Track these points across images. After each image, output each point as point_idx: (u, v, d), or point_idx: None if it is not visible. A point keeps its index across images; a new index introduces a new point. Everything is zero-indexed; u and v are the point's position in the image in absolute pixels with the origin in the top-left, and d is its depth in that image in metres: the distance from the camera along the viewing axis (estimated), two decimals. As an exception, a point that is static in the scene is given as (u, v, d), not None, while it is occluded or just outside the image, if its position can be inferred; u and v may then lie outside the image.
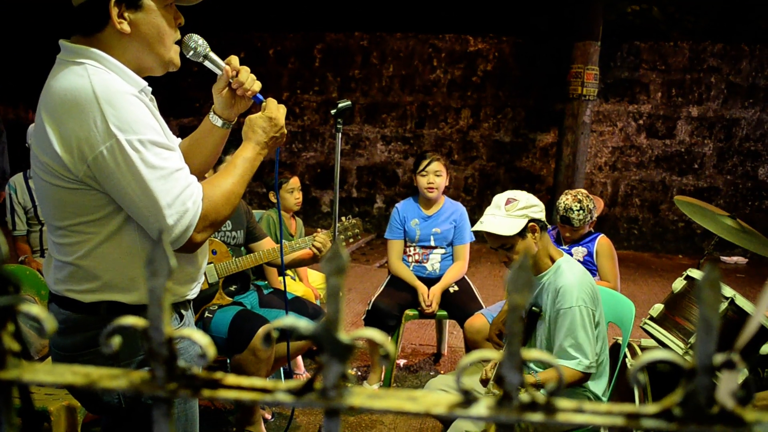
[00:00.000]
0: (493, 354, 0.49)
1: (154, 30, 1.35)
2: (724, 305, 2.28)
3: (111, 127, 1.22)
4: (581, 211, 3.19)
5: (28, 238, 3.72)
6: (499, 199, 2.32)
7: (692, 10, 7.18)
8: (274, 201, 3.61)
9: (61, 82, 1.26)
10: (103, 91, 1.23)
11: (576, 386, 2.21)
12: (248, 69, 1.56)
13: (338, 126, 2.18)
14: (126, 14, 1.31)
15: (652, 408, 0.44)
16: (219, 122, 1.60)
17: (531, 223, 2.26)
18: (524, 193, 2.33)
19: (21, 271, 3.12)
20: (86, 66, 1.27)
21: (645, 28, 7.35)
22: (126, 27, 1.31)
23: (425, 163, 3.46)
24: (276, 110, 1.53)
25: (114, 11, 1.29)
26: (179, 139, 1.64)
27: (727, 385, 0.42)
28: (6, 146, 4.59)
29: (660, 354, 0.45)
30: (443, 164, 3.49)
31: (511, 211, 2.26)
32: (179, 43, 1.44)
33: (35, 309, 0.48)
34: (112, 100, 1.23)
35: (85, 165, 1.24)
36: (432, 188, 3.47)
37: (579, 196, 3.23)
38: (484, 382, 2.28)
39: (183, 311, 1.53)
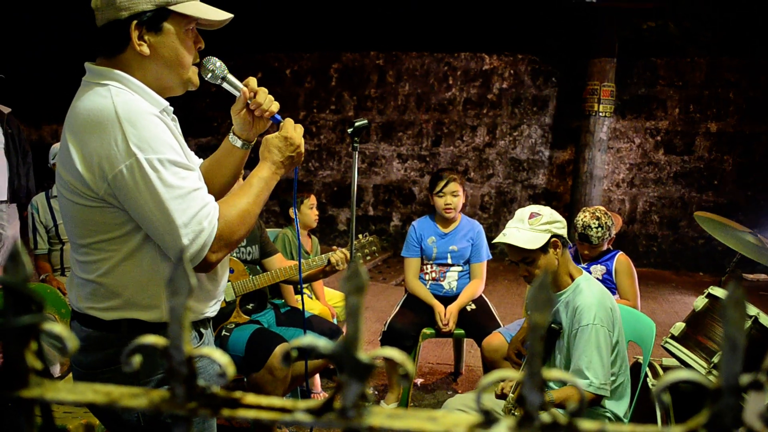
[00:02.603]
0: (513, 374, 0.49)
1: (173, 53, 1.38)
2: (747, 324, 2.24)
3: (131, 146, 1.24)
4: (600, 229, 3.16)
5: (49, 256, 3.77)
6: (523, 212, 2.32)
7: (708, 26, 7.15)
8: (293, 217, 3.62)
9: (85, 103, 1.30)
10: (125, 111, 1.26)
11: (588, 407, 2.18)
12: (266, 90, 1.57)
13: (355, 145, 2.19)
14: (146, 37, 1.34)
15: (676, 429, 0.43)
16: (238, 143, 1.62)
17: (553, 239, 2.25)
18: (548, 208, 2.33)
19: (42, 289, 3.16)
20: (110, 87, 1.31)
21: (661, 44, 7.33)
22: (145, 49, 1.34)
23: (442, 184, 3.45)
24: (292, 130, 1.54)
25: (134, 34, 1.32)
26: (200, 160, 1.67)
27: (755, 406, 0.42)
28: (32, 167, 4.67)
29: (684, 374, 0.44)
30: (460, 184, 3.48)
31: (534, 225, 2.25)
32: (198, 64, 1.46)
33: (58, 327, 0.48)
34: (133, 119, 1.26)
35: (105, 183, 1.27)
36: (450, 209, 3.46)
37: (597, 213, 3.20)
38: (500, 396, 2.25)
39: (202, 330, 1.54)
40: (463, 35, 7.71)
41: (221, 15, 1.42)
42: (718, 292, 2.69)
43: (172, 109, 1.43)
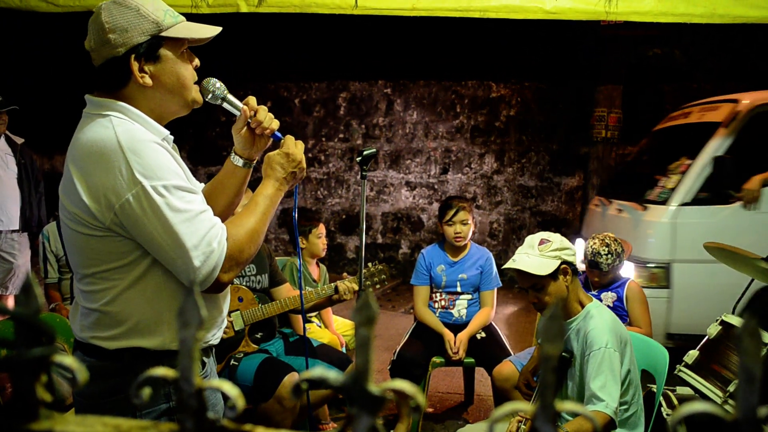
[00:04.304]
0: (526, 406, 0.48)
1: (174, 77, 1.40)
2: (762, 351, 2.21)
3: (136, 174, 1.26)
4: (609, 255, 3.14)
5: (59, 285, 3.78)
6: (533, 239, 2.31)
7: (713, 52, 7.18)
8: (303, 246, 3.62)
9: (87, 134, 1.31)
10: (127, 140, 1.28)
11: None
12: (266, 108, 1.59)
13: (364, 173, 2.20)
14: (146, 67, 1.37)
15: (694, 463, 0.42)
16: (240, 162, 1.64)
17: (563, 266, 2.24)
18: (557, 235, 2.33)
19: (51, 318, 3.17)
20: (111, 118, 1.33)
21: (667, 71, 7.37)
22: (148, 80, 1.37)
23: (451, 213, 3.45)
24: (293, 146, 1.55)
25: (135, 67, 1.35)
26: (202, 185, 1.68)
27: (773, 439, 0.41)
28: (43, 196, 4.72)
29: (700, 406, 0.44)
30: (469, 211, 3.48)
31: (544, 252, 2.25)
32: (198, 83, 1.49)
33: (68, 359, 0.48)
34: (136, 148, 1.27)
35: (112, 213, 1.28)
36: (460, 238, 3.46)
37: (607, 240, 3.18)
38: None
39: (205, 358, 1.53)
40: (470, 64, 7.78)
41: (210, 31, 1.45)
42: (732, 319, 2.65)
43: (172, 138, 1.45)
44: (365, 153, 2.20)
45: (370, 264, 3.00)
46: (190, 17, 1.46)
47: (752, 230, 3.94)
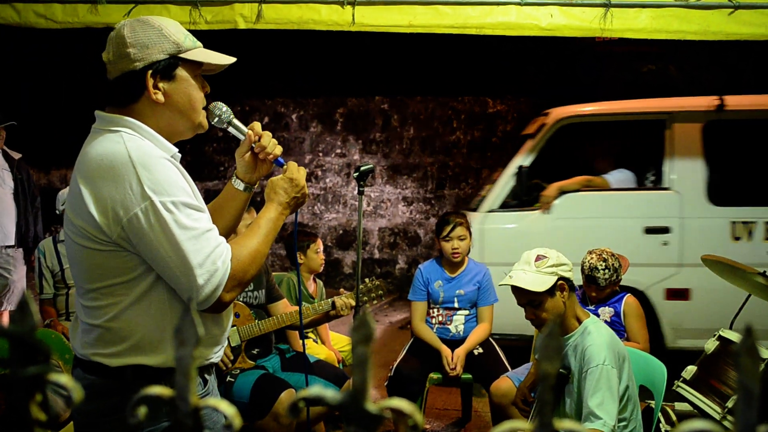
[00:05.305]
0: (524, 424, 0.48)
1: (186, 98, 1.42)
2: (761, 367, 2.20)
3: (146, 189, 1.27)
4: (607, 270, 3.13)
5: (54, 301, 3.76)
6: (529, 255, 2.30)
7: (709, 68, 7.24)
8: (301, 261, 3.62)
9: (98, 149, 1.32)
10: (138, 155, 1.29)
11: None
12: (270, 134, 1.61)
13: (361, 189, 2.20)
14: (160, 85, 1.38)
15: (693, 482, 0.42)
16: (241, 186, 1.65)
17: (560, 282, 2.24)
18: (554, 251, 2.31)
19: (46, 335, 3.15)
20: (121, 133, 1.34)
21: (663, 87, 7.42)
22: (160, 97, 1.38)
23: (448, 228, 3.45)
24: (296, 172, 1.57)
25: (150, 83, 1.37)
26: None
27: (773, 457, 0.41)
28: (39, 211, 4.71)
29: (699, 423, 0.43)
30: (466, 227, 3.48)
31: (540, 268, 2.24)
32: (205, 108, 1.51)
33: (64, 378, 0.48)
34: (147, 164, 1.29)
35: (119, 227, 1.28)
36: (457, 253, 3.45)
37: (604, 255, 3.18)
38: None
39: (207, 376, 1.52)
40: (467, 80, 7.83)
41: (226, 59, 1.48)
42: (729, 334, 2.65)
43: (180, 156, 1.46)
44: (362, 168, 2.20)
45: (367, 279, 2.99)
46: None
47: (551, 235, 4.13)
